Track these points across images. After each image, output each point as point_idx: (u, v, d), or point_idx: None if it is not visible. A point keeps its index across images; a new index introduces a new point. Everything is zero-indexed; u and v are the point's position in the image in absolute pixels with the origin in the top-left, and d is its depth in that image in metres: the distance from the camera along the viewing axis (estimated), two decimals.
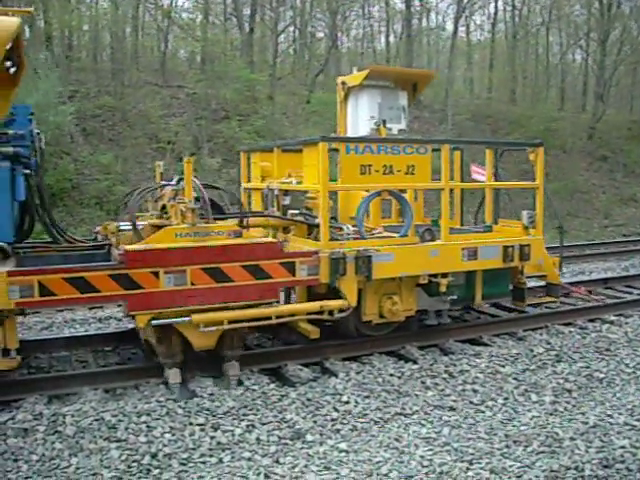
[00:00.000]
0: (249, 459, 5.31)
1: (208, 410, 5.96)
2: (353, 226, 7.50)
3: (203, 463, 5.25)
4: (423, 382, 6.82)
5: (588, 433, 5.73)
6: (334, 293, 7.11)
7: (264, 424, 5.83)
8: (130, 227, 6.80)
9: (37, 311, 9.56)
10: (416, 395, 6.54)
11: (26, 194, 6.57)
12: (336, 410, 6.13)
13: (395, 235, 7.58)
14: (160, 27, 27.66)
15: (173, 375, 6.53)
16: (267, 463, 5.24)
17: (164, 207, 7.03)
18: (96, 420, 5.65)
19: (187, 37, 27.62)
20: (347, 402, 6.27)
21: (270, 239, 7.10)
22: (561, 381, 7.00)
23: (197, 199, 6.64)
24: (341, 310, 7.06)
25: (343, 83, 9.38)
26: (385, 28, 37.38)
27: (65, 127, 18.13)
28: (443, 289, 7.64)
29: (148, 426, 5.63)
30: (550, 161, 17.50)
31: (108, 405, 5.98)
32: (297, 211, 7.96)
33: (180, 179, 6.90)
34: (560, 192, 22.69)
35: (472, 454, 5.37)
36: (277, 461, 5.28)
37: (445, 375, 7.00)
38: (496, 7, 37.37)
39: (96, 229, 7.75)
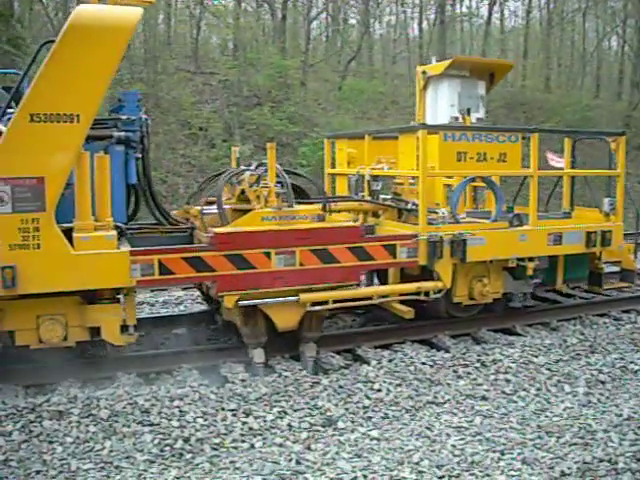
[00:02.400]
0: (280, 445, 5.35)
1: (240, 396, 5.99)
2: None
3: (235, 448, 5.29)
4: (455, 371, 6.79)
5: (622, 425, 5.66)
6: (426, 275, 7.41)
7: (296, 410, 5.85)
8: (212, 211, 7.08)
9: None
10: (448, 384, 6.52)
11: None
12: (368, 398, 6.13)
13: (479, 220, 7.88)
14: (192, 14, 27.68)
15: (258, 355, 6.74)
16: (298, 449, 5.27)
17: (243, 192, 7.17)
18: (129, 404, 5.70)
19: (219, 24, 27.64)
20: (379, 390, 6.26)
21: (352, 223, 7.28)
22: (595, 372, 6.92)
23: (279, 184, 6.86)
24: (436, 291, 7.32)
25: (423, 72, 9.61)
26: (418, 14, 37.03)
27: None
28: (530, 272, 7.90)
29: (181, 411, 5.67)
30: (585, 149, 17.28)
31: (141, 389, 6.04)
32: (388, 196, 8.30)
33: (260, 164, 7.21)
34: (594, 181, 22.40)
35: (504, 444, 5.34)
36: (308, 447, 5.31)
37: (477, 364, 6.96)
38: None
39: (173, 213, 7.99)
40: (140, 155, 6.81)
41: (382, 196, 8.25)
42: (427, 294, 7.34)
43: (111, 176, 6.21)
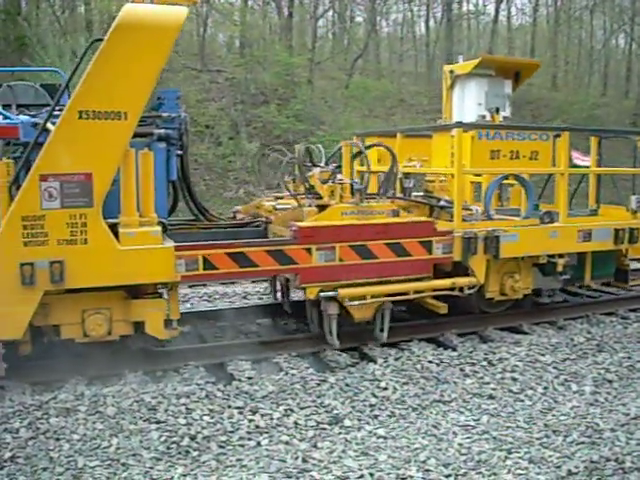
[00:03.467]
0: (287, 443, 5.34)
1: (247, 394, 5.99)
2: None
3: (241, 446, 5.29)
4: (462, 369, 6.77)
5: (629, 424, 5.65)
6: (459, 271, 7.53)
7: (302, 408, 5.85)
8: (285, 207, 7.39)
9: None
10: (455, 382, 6.50)
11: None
12: (374, 396, 6.12)
13: (509, 217, 8.05)
14: (199, 12, 27.69)
15: (332, 307, 6.92)
16: (305, 447, 5.26)
17: (312, 187, 7.35)
18: (136, 401, 5.71)
19: (226, 21, 27.64)
20: (385, 388, 6.25)
21: (427, 218, 7.58)
22: (602, 371, 6.90)
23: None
24: (470, 287, 7.46)
25: (451, 71, 9.79)
26: (425, 12, 37.02)
27: None
28: (560, 269, 8.03)
29: (187, 408, 5.68)
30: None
31: (148, 387, 6.05)
32: (420, 193, 8.46)
33: (329, 160, 7.54)
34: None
35: (511, 443, 5.33)
36: (315, 445, 5.30)
37: (484, 363, 6.94)
38: None
39: (235, 209, 8.29)
40: (181, 152, 6.95)
41: (414, 193, 8.37)
42: (461, 290, 7.47)
43: (154, 172, 6.33)
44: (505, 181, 8.65)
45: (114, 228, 6.01)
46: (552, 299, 8.54)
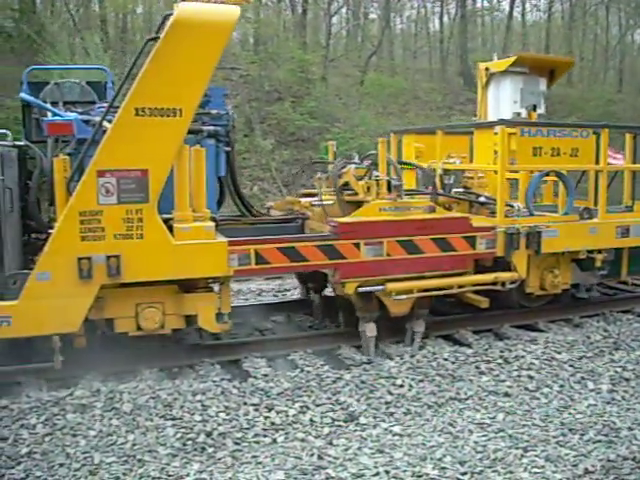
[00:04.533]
0: (302, 440, 5.34)
1: (262, 390, 6.00)
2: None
3: (257, 443, 5.29)
4: (477, 367, 6.75)
5: None
6: (500, 266, 7.62)
7: (318, 406, 5.84)
8: (321, 203, 7.39)
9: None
10: (470, 380, 6.48)
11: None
12: (390, 393, 6.11)
13: (546, 213, 8.15)
14: None
15: (370, 328, 7.02)
16: (320, 444, 5.26)
17: (346, 184, 7.39)
18: (152, 398, 5.73)
19: (240, 19, 27.60)
20: (401, 385, 6.24)
21: (463, 214, 7.69)
22: (619, 369, 6.85)
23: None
24: (512, 282, 7.53)
25: (486, 69, 9.83)
26: (439, 9, 36.88)
27: None
28: (598, 264, 8.14)
29: (203, 405, 5.69)
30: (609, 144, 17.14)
31: (164, 384, 6.06)
32: (461, 189, 8.56)
33: (364, 157, 7.62)
34: (619, 176, 22.21)
35: (527, 441, 5.30)
36: (330, 443, 5.30)
37: (500, 360, 6.90)
38: None
39: (268, 205, 8.37)
40: (229, 148, 7.04)
41: (454, 190, 8.47)
42: (503, 284, 7.53)
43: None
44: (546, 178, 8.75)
45: (166, 223, 6.13)
46: (589, 294, 8.68)
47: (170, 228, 6.10)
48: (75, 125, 6.27)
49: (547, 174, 8.22)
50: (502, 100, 9.59)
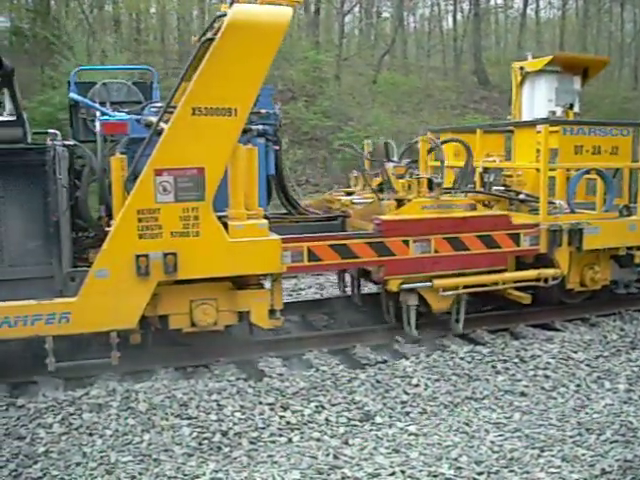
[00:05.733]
0: (318, 439, 5.34)
1: (278, 390, 6.00)
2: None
3: (272, 442, 5.30)
4: (494, 366, 6.72)
5: None
6: (540, 263, 7.76)
7: (333, 405, 5.84)
8: (362, 201, 7.64)
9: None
10: (486, 379, 6.46)
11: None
12: (406, 393, 6.10)
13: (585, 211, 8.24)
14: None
15: (412, 298, 7.18)
16: (336, 444, 5.25)
17: (382, 183, 7.56)
18: (168, 397, 5.74)
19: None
20: (417, 385, 6.23)
21: (503, 212, 7.80)
22: (636, 369, 6.80)
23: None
24: (554, 278, 7.68)
25: (521, 68, 9.96)
26: (452, 7, 36.75)
27: None
28: (637, 261, 8.31)
29: (218, 404, 5.70)
30: None
31: (179, 383, 6.08)
32: (500, 188, 8.69)
33: (402, 155, 7.84)
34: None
35: (544, 441, 5.28)
36: (346, 442, 5.29)
37: (516, 360, 6.88)
38: None
39: (306, 203, 8.42)
40: (278, 147, 7.18)
41: (494, 187, 8.59)
42: (545, 281, 7.64)
43: None
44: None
45: (220, 221, 6.23)
46: (628, 290, 8.81)
47: (224, 226, 6.20)
48: (130, 125, 6.46)
49: (588, 172, 8.24)
50: (537, 99, 9.74)
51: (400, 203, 7.25)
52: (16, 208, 6.06)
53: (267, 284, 6.65)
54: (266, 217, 6.61)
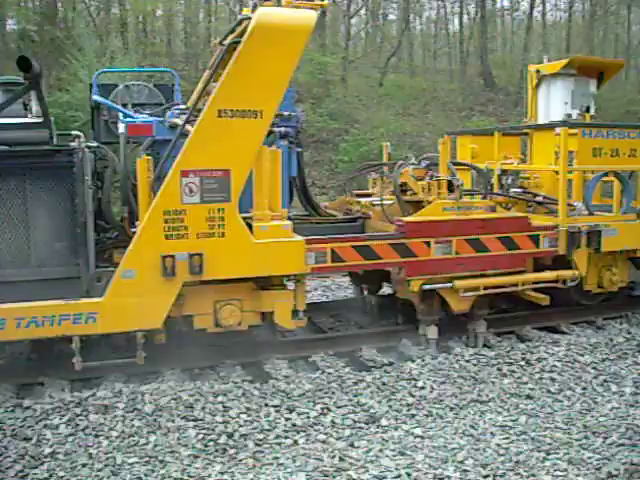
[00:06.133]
0: (324, 442, 5.34)
1: (283, 392, 6.00)
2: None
3: (278, 444, 5.30)
4: (499, 369, 6.71)
5: None
6: (558, 264, 7.78)
7: (339, 407, 5.84)
8: (381, 203, 7.64)
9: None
10: (492, 382, 6.45)
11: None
12: (411, 395, 6.10)
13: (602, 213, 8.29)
14: (232, 11, 27.81)
15: (432, 331, 7.25)
16: (342, 446, 5.26)
17: (404, 184, 7.62)
18: (174, 399, 5.75)
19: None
20: (423, 387, 6.22)
21: (523, 214, 7.83)
22: None
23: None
24: (572, 279, 7.69)
25: (537, 71, 10.02)
26: (459, 9, 36.71)
27: None
28: None
29: (224, 406, 5.71)
30: None
31: (185, 385, 6.08)
32: (519, 190, 8.72)
33: (422, 159, 7.83)
34: None
35: (549, 444, 5.28)
36: (352, 445, 5.29)
37: (522, 362, 6.86)
38: None
39: (324, 205, 8.46)
40: (300, 149, 7.22)
41: (512, 190, 8.63)
42: (563, 282, 7.67)
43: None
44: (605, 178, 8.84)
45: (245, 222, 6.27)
46: None
47: (248, 227, 6.24)
48: (154, 126, 6.52)
49: (606, 174, 8.29)
50: (553, 101, 9.77)
51: (419, 205, 7.32)
52: (44, 209, 6.09)
53: (291, 285, 6.71)
54: (289, 218, 6.65)
